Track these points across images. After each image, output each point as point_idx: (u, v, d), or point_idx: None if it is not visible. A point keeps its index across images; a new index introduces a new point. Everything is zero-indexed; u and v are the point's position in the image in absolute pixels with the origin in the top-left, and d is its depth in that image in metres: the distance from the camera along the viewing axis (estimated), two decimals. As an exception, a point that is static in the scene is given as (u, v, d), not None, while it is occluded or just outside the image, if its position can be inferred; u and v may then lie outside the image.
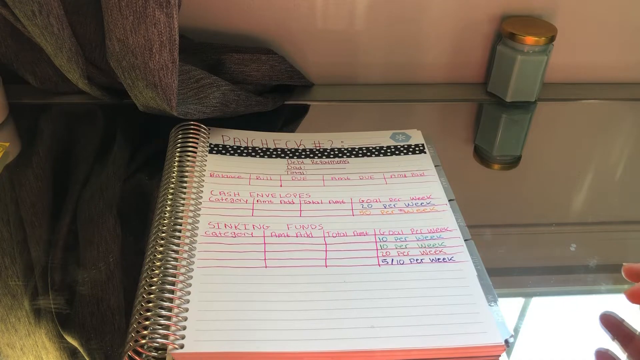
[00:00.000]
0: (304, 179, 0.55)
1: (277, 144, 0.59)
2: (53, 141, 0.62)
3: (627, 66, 0.75)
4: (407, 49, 0.72)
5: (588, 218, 0.55)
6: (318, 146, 0.59)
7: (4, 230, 0.51)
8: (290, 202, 0.52)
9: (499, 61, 0.69)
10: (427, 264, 0.46)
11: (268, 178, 0.55)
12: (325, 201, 0.52)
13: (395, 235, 0.49)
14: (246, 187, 0.53)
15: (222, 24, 0.69)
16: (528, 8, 0.69)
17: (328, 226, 0.50)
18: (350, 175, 0.56)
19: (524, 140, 0.66)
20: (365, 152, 0.59)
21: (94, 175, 0.57)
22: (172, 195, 0.50)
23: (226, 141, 0.59)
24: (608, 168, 0.62)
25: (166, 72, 0.54)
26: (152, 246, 0.46)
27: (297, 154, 0.58)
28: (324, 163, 0.57)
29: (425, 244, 0.48)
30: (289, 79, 0.69)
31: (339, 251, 0.47)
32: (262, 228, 0.49)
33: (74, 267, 0.47)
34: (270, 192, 0.53)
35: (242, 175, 0.55)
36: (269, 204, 0.52)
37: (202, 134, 0.59)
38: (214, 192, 0.52)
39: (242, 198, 0.52)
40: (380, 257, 0.47)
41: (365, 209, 0.52)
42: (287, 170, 0.56)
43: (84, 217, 0.52)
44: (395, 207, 0.52)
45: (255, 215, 0.50)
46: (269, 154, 0.58)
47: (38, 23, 0.54)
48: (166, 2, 0.51)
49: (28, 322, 0.43)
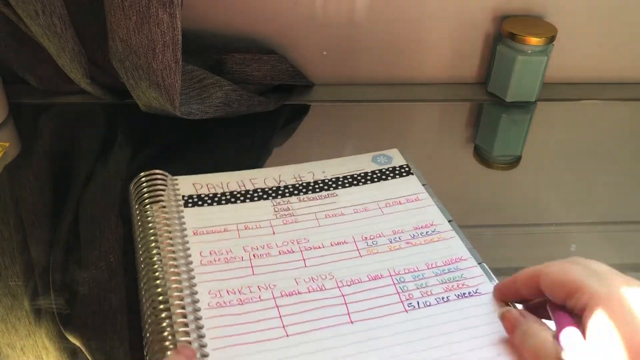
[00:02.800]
0: (295, 220, 0.50)
1: (256, 184, 0.54)
2: (53, 141, 0.62)
3: (628, 66, 0.75)
4: (407, 49, 0.72)
5: (588, 218, 0.55)
6: (299, 180, 0.55)
7: (4, 230, 0.51)
8: (290, 251, 0.47)
9: (499, 61, 0.69)
10: (454, 301, 0.43)
11: (257, 226, 0.49)
12: (327, 244, 0.48)
13: (412, 272, 0.45)
14: (237, 242, 0.48)
15: (224, 24, 0.69)
16: (528, 8, 0.69)
17: (338, 273, 0.45)
18: (343, 210, 0.52)
19: (524, 140, 0.66)
20: (352, 180, 0.55)
21: (95, 175, 0.57)
22: (157, 266, 0.43)
23: (199, 190, 0.53)
24: (608, 168, 0.62)
25: (169, 72, 0.54)
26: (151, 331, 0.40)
27: (281, 193, 0.53)
28: (311, 199, 0.53)
29: (445, 278, 0.45)
30: (290, 79, 0.69)
31: (359, 302, 0.43)
32: (269, 288, 0.44)
33: (75, 266, 0.47)
34: (264, 242, 0.48)
35: (228, 227, 0.49)
36: (267, 257, 0.47)
37: (169, 184, 0.52)
38: (203, 254, 0.46)
39: (237, 255, 0.47)
40: (404, 302, 0.43)
41: (371, 246, 0.48)
42: (275, 214, 0.51)
43: (85, 217, 0.52)
44: (401, 239, 0.48)
45: (256, 273, 0.45)
46: (249, 197, 0.52)
47: (41, 23, 0.54)
48: (169, 2, 0.51)
49: (28, 322, 0.43)
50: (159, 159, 0.60)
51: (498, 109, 0.70)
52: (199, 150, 0.62)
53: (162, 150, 0.62)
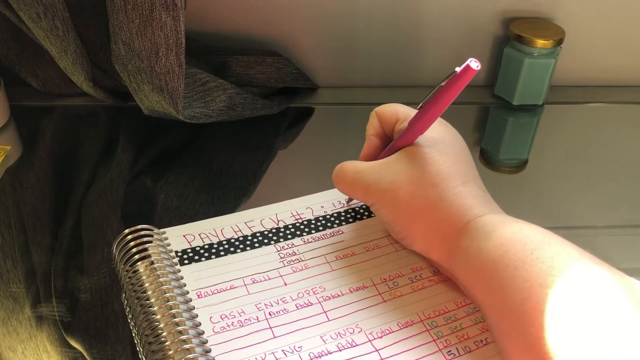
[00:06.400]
0: (305, 267, 0.46)
1: (253, 227, 0.49)
2: (55, 144, 0.62)
3: (635, 69, 0.74)
4: (413, 51, 0.71)
5: (596, 222, 0.55)
6: (299, 219, 0.51)
7: (6, 233, 0.50)
8: (308, 303, 0.43)
9: (506, 64, 0.68)
10: (492, 343, 0.40)
11: (266, 278, 0.45)
12: (345, 291, 0.44)
13: (442, 315, 0.42)
14: (248, 299, 0.43)
15: (227, 26, 0.69)
16: (536, 10, 0.69)
17: (366, 324, 0.42)
18: (353, 249, 0.48)
19: (530, 143, 0.66)
20: (354, 215, 0.51)
21: (98, 178, 0.57)
22: (164, 341, 0.38)
23: (192, 242, 0.47)
24: (616, 171, 0.62)
25: (172, 76, 0.54)
26: None
27: (282, 235, 0.49)
28: (317, 239, 0.49)
29: (479, 316, 0.42)
30: (294, 82, 0.69)
31: (396, 355, 0.40)
32: (296, 351, 0.40)
33: (77, 270, 0.47)
34: (277, 296, 0.43)
35: (234, 283, 0.44)
36: (284, 313, 0.42)
37: (156, 240, 0.46)
38: (214, 319, 0.41)
39: (252, 316, 0.42)
40: (443, 350, 0.40)
41: (392, 289, 0.44)
42: (281, 260, 0.47)
43: (87, 220, 0.52)
44: (423, 277, 0.45)
45: (277, 335, 0.41)
46: (249, 243, 0.48)
47: (43, 26, 0.53)
48: (173, 5, 0.51)
49: (29, 326, 0.43)
50: (161, 163, 0.60)
51: (505, 112, 0.70)
52: (202, 154, 0.61)
53: (164, 154, 0.62)
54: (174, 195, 0.55)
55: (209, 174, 0.58)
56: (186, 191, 0.55)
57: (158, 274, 0.43)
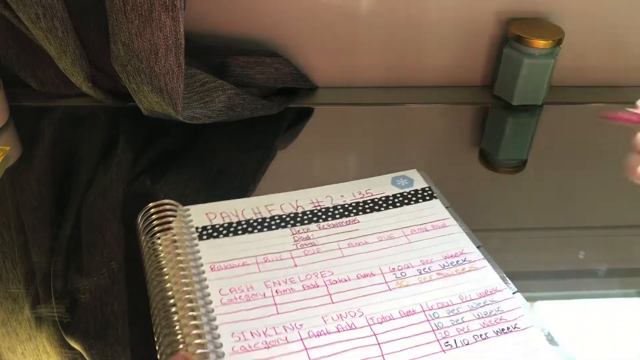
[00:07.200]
0: (317, 251, 0.48)
1: (272, 211, 0.52)
2: (55, 145, 0.62)
3: (634, 69, 0.74)
4: (412, 52, 0.71)
5: (595, 222, 0.55)
6: (318, 206, 0.53)
7: (5, 234, 0.50)
8: (315, 285, 0.45)
9: (505, 64, 0.68)
10: (492, 338, 0.41)
11: (278, 258, 0.47)
12: (353, 276, 0.46)
13: (446, 308, 0.43)
14: (257, 276, 0.46)
15: (226, 27, 0.69)
16: (535, 10, 0.69)
17: (368, 310, 0.43)
18: (367, 238, 0.49)
19: (530, 144, 0.66)
20: (373, 206, 0.53)
21: (97, 179, 0.57)
22: (174, 307, 0.41)
23: (213, 220, 0.50)
24: (615, 172, 0.62)
25: (172, 77, 0.54)
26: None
27: (299, 220, 0.51)
28: (332, 226, 0.51)
29: (481, 312, 0.43)
30: (294, 82, 0.69)
31: (393, 342, 0.41)
32: (296, 328, 0.42)
33: (76, 271, 0.47)
34: (286, 276, 0.46)
35: (247, 260, 0.47)
36: (291, 292, 0.44)
37: (180, 215, 0.50)
38: (223, 292, 0.44)
39: (259, 292, 0.44)
40: (441, 341, 0.41)
41: (400, 278, 0.46)
42: (295, 244, 0.49)
43: (87, 221, 0.52)
44: (431, 270, 0.46)
45: (280, 312, 0.43)
46: (267, 225, 0.50)
47: (42, 26, 0.53)
48: (172, 6, 0.51)
49: (29, 326, 0.43)
50: (161, 163, 0.60)
51: (504, 112, 0.70)
52: (202, 155, 0.61)
53: (164, 154, 0.62)
54: (174, 195, 0.55)
55: (209, 174, 0.58)
56: (186, 191, 0.55)
57: (176, 245, 0.46)
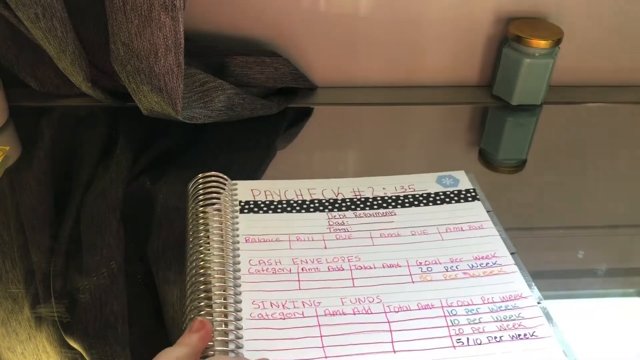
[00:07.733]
0: (349, 237, 0.49)
1: (313, 194, 0.53)
2: (54, 144, 0.62)
3: (634, 69, 0.74)
4: (411, 52, 0.71)
5: (595, 222, 0.55)
6: (358, 195, 0.53)
7: (5, 234, 0.50)
8: (340, 268, 0.46)
9: (505, 64, 0.68)
10: (507, 342, 0.41)
11: (310, 239, 0.49)
12: (379, 265, 0.46)
13: (465, 306, 0.43)
14: (287, 252, 0.47)
15: (226, 26, 0.68)
16: (534, 10, 0.69)
17: (387, 298, 0.44)
18: (400, 231, 0.50)
19: (529, 143, 0.66)
20: (412, 200, 0.53)
21: (97, 179, 0.57)
22: (205, 270, 0.44)
23: (257, 196, 0.52)
24: (614, 171, 0.62)
25: (171, 76, 0.54)
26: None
27: (337, 206, 0.52)
28: (368, 216, 0.51)
29: (501, 315, 0.42)
30: (293, 82, 0.68)
31: (405, 331, 0.41)
32: (314, 305, 0.43)
33: (76, 271, 0.47)
34: (314, 256, 0.47)
35: (280, 237, 0.49)
36: (315, 272, 0.46)
37: (227, 189, 0.52)
38: (252, 262, 0.46)
39: (285, 267, 0.46)
40: (453, 337, 0.41)
41: (425, 273, 0.46)
42: (329, 227, 0.50)
43: (87, 221, 0.52)
44: (459, 269, 0.46)
45: (302, 288, 0.44)
46: (305, 207, 0.52)
47: (41, 26, 0.53)
48: (172, 6, 0.51)
49: (29, 326, 0.43)
50: (160, 163, 0.60)
51: (503, 112, 0.70)
52: (202, 154, 0.61)
53: (163, 154, 0.62)
54: (174, 195, 0.55)
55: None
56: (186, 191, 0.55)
57: (220, 214, 0.49)
